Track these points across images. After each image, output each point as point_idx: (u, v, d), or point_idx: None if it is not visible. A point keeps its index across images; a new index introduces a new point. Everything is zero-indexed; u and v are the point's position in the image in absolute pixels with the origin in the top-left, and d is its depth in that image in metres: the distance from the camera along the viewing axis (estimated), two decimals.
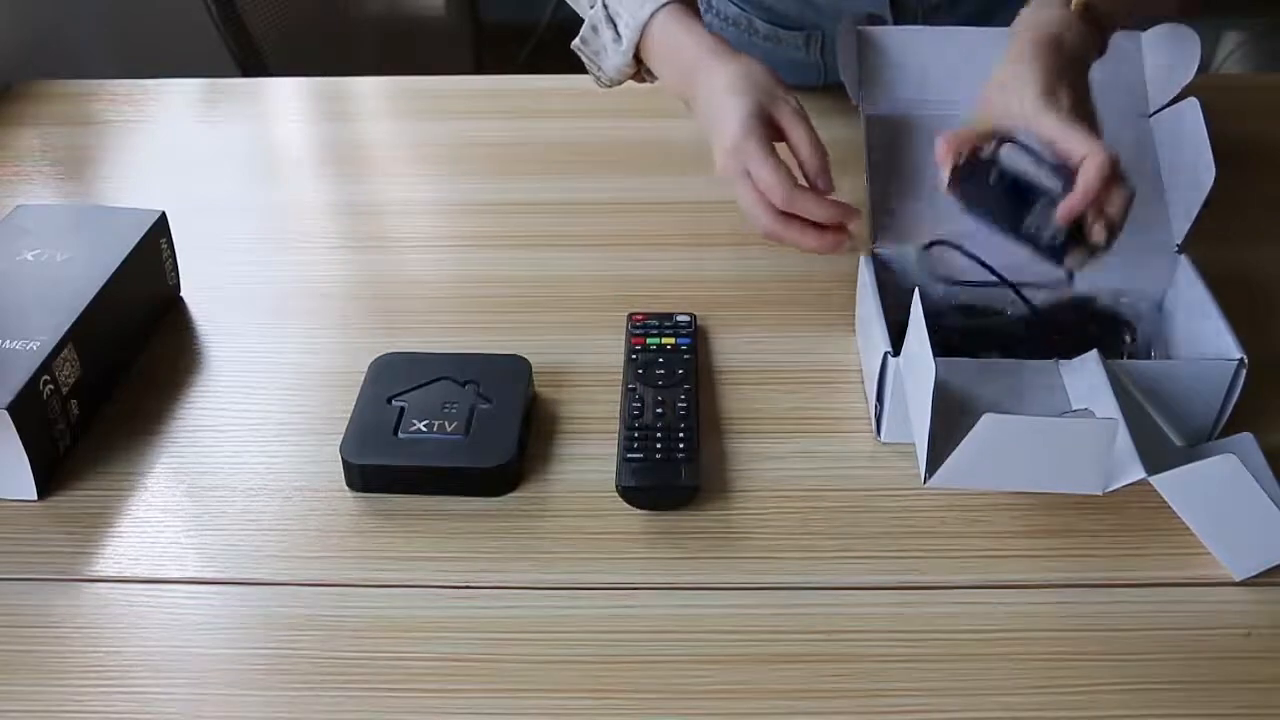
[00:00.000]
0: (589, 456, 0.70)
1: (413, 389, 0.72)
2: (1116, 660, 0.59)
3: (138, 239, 0.79)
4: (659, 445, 0.68)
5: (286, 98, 1.17)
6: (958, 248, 0.74)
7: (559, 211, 0.94)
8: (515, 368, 0.74)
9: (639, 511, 0.67)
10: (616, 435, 0.70)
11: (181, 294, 0.85)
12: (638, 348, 0.76)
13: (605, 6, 0.81)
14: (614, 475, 0.67)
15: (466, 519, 0.67)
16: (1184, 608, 0.61)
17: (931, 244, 0.76)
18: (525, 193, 0.97)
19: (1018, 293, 0.73)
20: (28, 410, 0.66)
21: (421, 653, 0.59)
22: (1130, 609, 0.61)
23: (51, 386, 0.68)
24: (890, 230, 0.78)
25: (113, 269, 0.76)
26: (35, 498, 0.68)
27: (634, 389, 0.72)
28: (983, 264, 0.74)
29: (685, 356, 0.75)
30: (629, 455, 0.68)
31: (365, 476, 0.68)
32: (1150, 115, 0.80)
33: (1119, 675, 0.58)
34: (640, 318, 0.79)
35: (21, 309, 0.72)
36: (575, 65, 0.87)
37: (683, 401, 0.71)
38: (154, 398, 0.75)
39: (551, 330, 0.81)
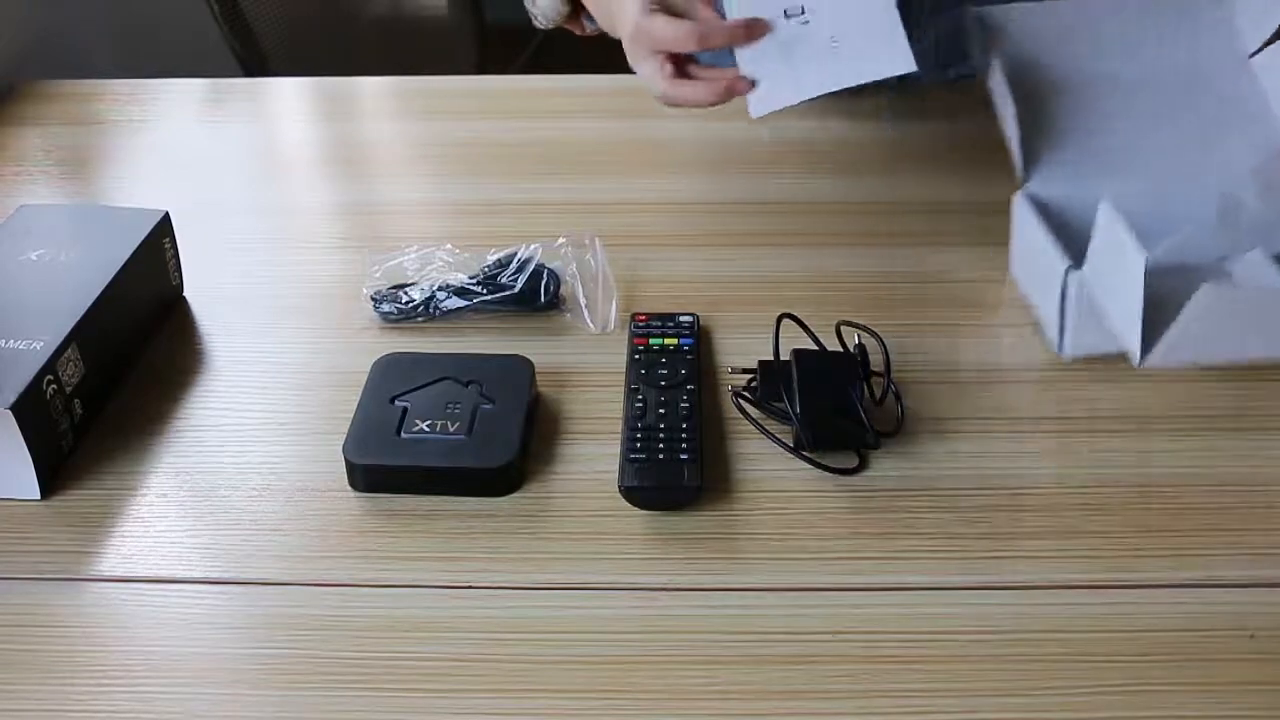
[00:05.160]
0: (591, 457, 0.70)
1: (415, 389, 0.72)
2: (1119, 662, 0.58)
3: (141, 239, 0.79)
4: (661, 446, 0.68)
5: (289, 98, 1.17)
6: None
7: (560, 212, 0.94)
8: (517, 368, 0.74)
9: (641, 512, 0.67)
10: (619, 436, 0.70)
11: (185, 294, 0.85)
12: (640, 348, 0.76)
13: None
14: (616, 476, 0.67)
15: (469, 519, 0.67)
16: (1186, 609, 0.61)
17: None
18: (526, 193, 0.97)
19: None
20: (31, 410, 0.66)
21: (422, 653, 0.59)
22: (1132, 610, 0.61)
23: (55, 386, 0.68)
24: (1042, 170, 0.79)
25: (116, 269, 0.76)
26: (38, 497, 0.68)
27: (637, 389, 0.72)
28: None
29: (688, 357, 0.75)
30: (631, 456, 0.68)
31: (368, 477, 0.68)
32: (1252, 56, 0.77)
33: (1122, 677, 0.58)
34: (643, 318, 0.79)
35: (25, 309, 0.72)
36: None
37: (685, 402, 0.71)
38: (157, 397, 0.76)
39: (554, 330, 0.81)
